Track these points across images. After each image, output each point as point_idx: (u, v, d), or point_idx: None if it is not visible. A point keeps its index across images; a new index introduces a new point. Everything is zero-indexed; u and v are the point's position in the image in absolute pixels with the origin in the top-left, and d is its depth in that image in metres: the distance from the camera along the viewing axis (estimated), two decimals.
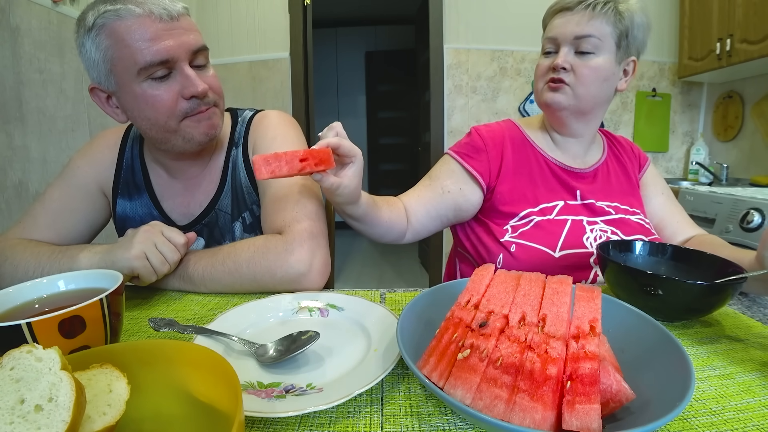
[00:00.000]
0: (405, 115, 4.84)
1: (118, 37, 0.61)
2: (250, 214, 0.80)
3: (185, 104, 0.67)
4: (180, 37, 0.64)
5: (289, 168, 0.52)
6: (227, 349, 0.48)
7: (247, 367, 0.44)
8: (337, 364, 0.45)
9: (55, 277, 0.48)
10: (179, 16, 0.65)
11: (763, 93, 2.20)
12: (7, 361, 0.28)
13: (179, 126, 0.68)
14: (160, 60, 0.62)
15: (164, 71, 0.64)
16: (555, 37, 0.78)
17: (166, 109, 0.66)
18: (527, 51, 2.46)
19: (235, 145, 0.82)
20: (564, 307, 0.36)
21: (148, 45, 0.61)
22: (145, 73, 0.63)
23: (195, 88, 0.65)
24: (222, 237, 0.80)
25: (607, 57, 0.76)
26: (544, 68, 0.81)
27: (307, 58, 2.47)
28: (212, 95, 0.70)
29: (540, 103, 0.83)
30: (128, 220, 0.81)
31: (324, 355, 0.47)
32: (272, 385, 0.41)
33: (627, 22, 0.76)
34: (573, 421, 0.29)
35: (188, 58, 0.66)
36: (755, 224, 1.51)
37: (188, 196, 0.81)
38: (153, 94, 0.65)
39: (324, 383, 0.41)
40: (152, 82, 0.64)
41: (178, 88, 0.66)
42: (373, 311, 0.55)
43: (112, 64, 0.63)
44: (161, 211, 0.81)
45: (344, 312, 0.57)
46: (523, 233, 0.77)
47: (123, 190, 0.81)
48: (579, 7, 0.76)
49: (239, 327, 0.52)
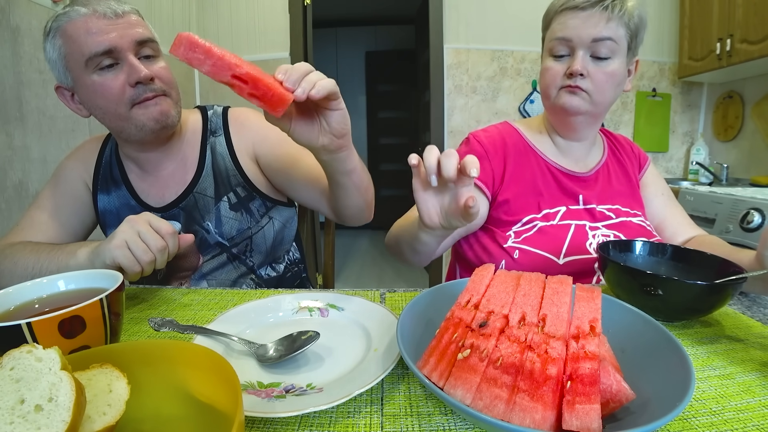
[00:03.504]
0: (405, 115, 4.84)
1: (68, 35, 0.68)
2: (234, 194, 0.85)
3: (132, 91, 0.70)
4: (124, 30, 0.69)
5: (211, 71, 0.44)
6: (227, 349, 0.48)
7: (247, 367, 0.44)
8: (337, 364, 0.45)
9: (55, 277, 0.48)
10: (124, 14, 0.70)
11: (763, 93, 2.20)
12: (7, 361, 0.28)
13: (130, 114, 0.72)
14: (103, 50, 0.67)
15: (110, 61, 0.69)
16: (569, 39, 0.74)
17: (114, 96, 0.70)
18: (527, 51, 2.46)
19: (212, 134, 0.86)
20: (564, 307, 0.36)
21: (93, 38, 0.67)
22: (92, 64, 0.68)
23: (138, 74, 0.69)
24: (202, 218, 0.83)
25: (621, 60, 0.74)
26: (558, 73, 0.76)
27: (307, 58, 2.47)
28: (159, 83, 0.74)
29: (553, 107, 0.79)
30: (108, 214, 0.85)
31: (324, 355, 0.47)
32: (272, 385, 0.42)
33: (637, 21, 0.73)
34: (573, 421, 0.29)
35: (133, 48, 0.70)
36: (755, 224, 1.51)
37: (161, 187, 0.84)
38: (101, 82, 0.69)
39: (324, 383, 0.41)
40: (100, 72, 0.69)
41: (124, 76, 0.70)
42: (373, 311, 0.55)
43: (66, 61, 0.70)
44: (138, 200, 0.84)
45: (344, 312, 0.57)
46: (526, 239, 0.76)
47: (102, 185, 0.85)
48: (595, 9, 0.71)
49: (239, 327, 0.52)
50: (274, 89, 0.46)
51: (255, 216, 0.86)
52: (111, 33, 0.68)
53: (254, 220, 0.86)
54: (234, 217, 0.84)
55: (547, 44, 0.79)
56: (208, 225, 0.83)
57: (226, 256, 0.85)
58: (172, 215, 0.83)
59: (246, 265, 0.87)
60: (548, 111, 0.84)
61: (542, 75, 0.80)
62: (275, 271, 0.91)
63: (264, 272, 0.89)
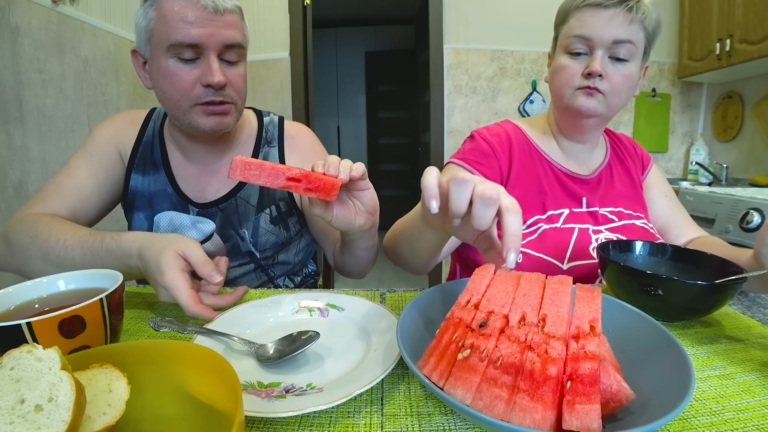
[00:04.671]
0: (405, 115, 4.84)
1: (163, 13, 0.66)
2: (276, 208, 0.84)
3: (201, 90, 0.70)
4: (217, 28, 0.67)
5: (268, 181, 0.49)
6: (227, 349, 0.48)
7: (247, 367, 0.45)
8: (337, 364, 0.45)
9: (54, 276, 0.48)
10: (225, 12, 0.68)
11: (762, 93, 2.20)
12: (7, 361, 0.28)
13: (190, 110, 0.71)
14: (189, 42, 0.66)
15: (192, 54, 0.68)
16: (590, 37, 0.71)
17: (182, 89, 0.69)
18: (527, 51, 2.46)
19: (267, 143, 0.86)
20: (564, 307, 0.36)
21: (183, 27, 0.66)
22: (173, 51, 0.67)
23: (212, 77, 0.68)
24: (240, 224, 0.82)
25: (637, 64, 0.73)
26: (575, 72, 0.73)
27: (307, 58, 2.47)
28: (231, 92, 0.72)
29: (567, 108, 0.77)
30: (138, 196, 0.82)
31: (324, 355, 0.47)
32: (272, 385, 0.42)
33: (654, 26, 0.72)
34: (573, 421, 0.29)
35: (218, 49, 0.69)
36: (755, 224, 1.51)
37: (203, 181, 0.82)
38: (175, 71, 0.69)
39: (324, 383, 0.42)
40: (178, 61, 0.68)
41: (198, 73, 0.69)
42: (373, 311, 0.55)
43: (151, 34, 0.69)
44: (176, 188, 0.82)
45: (344, 312, 0.57)
46: (530, 242, 0.74)
47: (138, 164, 0.82)
48: (619, 9, 0.69)
49: (239, 327, 0.52)
50: (324, 179, 0.51)
51: (291, 232, 0.86)
52: (204, 28, 0.66)
53: (289, 237, 0.86)
54: (272, 231, 0.84)
55: (562, 40, 0.76)
56: (244, 233, 0.82)
57: (253, 266, 0.84)
58: (209, 214, 0.81)
59: (267, 275, 0.87)
60: (559, 111, 0.81)
61: (557, 73, 0.76)
62: (292, 282, 0.92)
63: (282, 282, 0.90)
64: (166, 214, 0.81)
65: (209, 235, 0.81)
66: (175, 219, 0.81)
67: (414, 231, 0.59)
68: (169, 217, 0.81)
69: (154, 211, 0.81)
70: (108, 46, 1.86)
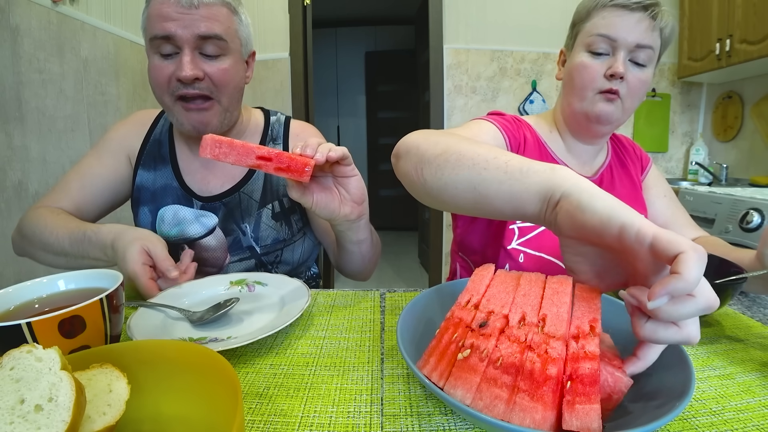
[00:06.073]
0: (405, 115, 4.83)
1: (150, 12, 0.70)
2: (279, 204, 0.85)
3: (175, 84, 0.71)
4: (191, 21, 0.68)
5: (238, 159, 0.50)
6: (166, 317, 0.56)
7: (181, 329, 0.54)
8: (252, 322, 0.56)
9: (54, 276, 0.48)
10: (200, 5, 0.69)
11: (762, 93, 2.20)
12: (7, 361, 0.28)
13: (173, 105, 0.73)
14: (162, 35, 0.68)
15: (170, 49, 0.70)
16: (615, 38, 0.69)
17: (161, 83, 0.71)
18: (527, 51, 2.46)
19: (272, 140, 0.87)
20: (564, 307, 0.36)
21: (159, 21, 0.68)
22: (154, 46, 0.70)
23: (180, 70, 0.69)
24: (242, 219, 0.83)
25: (652, 70, 0.73)
26: (598, 73, 0.72)
27: (307, 58, 2.47)
28: (209, 85, 0.72)
29: (585, 113, 0.75)
30: (143, 190, 0.84)
31: (244, 317, 0.57)
32: (201, 339, 0.52)
33: (669, 34, 0.72)
34: (573, 421, 0.29)
35: (194, 43, 0.69)
36: (755, 224, 1.51)
37: (207, 174, 0.84)
38: (155, 66, 0.71)
39: (240, 335, 0.52)
40: (159, 57, 0.71)
41: (173, 68, 0.70)
42: (290, 285, 0.64)
43: (144, 31, 0.73)
44: (181, 182, 0.83)
45: (267, 287, 0.66)
46: (531, 240, 0.74)
47: (146, 161, 0.84)
48: (645, 14, 0.68)
49: (178, 300, 0.61)
50: (295, 157, 0.51)
51: (293, 229, 0.86)
52: (175, 21, 0.67)
53: (291, 233, 0.86)
54: (273, 227, 0.84)
55: (584, 38, 0.74)
56: (245, 227, 0.83)
57: (254, 262, 0.85)
58: (212, 207, 0.82)
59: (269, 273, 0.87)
60: (574, 113, 0.78)
61: (577, 71, 0.74)
62: None
63: None
64: (171, 208, 0.82)
65: (211, 228, 0.82)
66: (179, 212, 0.82)
67: (503, 206, 0.41)
68: (173, 210, 0.82)
69: (158, 205, 0.82)
70: (108, 46, 1.86)
